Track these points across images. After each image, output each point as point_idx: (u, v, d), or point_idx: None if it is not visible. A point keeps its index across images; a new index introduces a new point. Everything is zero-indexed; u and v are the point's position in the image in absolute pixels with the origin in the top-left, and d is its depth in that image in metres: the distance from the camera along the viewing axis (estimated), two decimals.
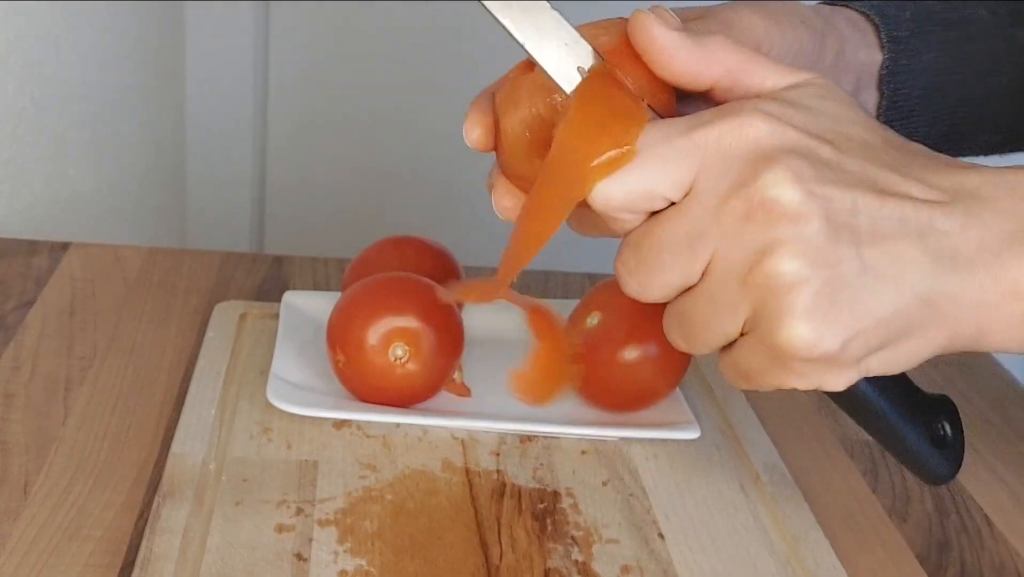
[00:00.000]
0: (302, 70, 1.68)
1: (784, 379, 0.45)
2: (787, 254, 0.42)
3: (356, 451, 0.61)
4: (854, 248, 0.43)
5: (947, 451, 0.52)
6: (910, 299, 0.43)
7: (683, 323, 0.46)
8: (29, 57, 0.98)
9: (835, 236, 0.42)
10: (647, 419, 0.65)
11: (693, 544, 0.56)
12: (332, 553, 0.53)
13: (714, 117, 0.44)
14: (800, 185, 0.42)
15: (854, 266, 0.42)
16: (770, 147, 0.43)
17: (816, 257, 0.42)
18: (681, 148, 0.44)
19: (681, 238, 0.44)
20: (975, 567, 0.58)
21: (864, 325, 0.43)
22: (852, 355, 0.44)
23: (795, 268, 0.42)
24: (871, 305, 0.43)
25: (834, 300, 0.42)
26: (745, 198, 0.42)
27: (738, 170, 0.43)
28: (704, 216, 0.43)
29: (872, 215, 0.43)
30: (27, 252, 0.82)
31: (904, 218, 0.43)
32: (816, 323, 0.42)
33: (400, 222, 1.48)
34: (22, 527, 0.54)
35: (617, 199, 0.44)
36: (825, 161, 0.43)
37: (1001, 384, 0.77)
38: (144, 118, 1.40)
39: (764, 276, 0.42)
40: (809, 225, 0.42)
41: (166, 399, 0.65)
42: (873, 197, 0.43)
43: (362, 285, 0.64)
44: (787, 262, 0.42)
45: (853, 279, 0.42)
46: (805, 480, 0.63)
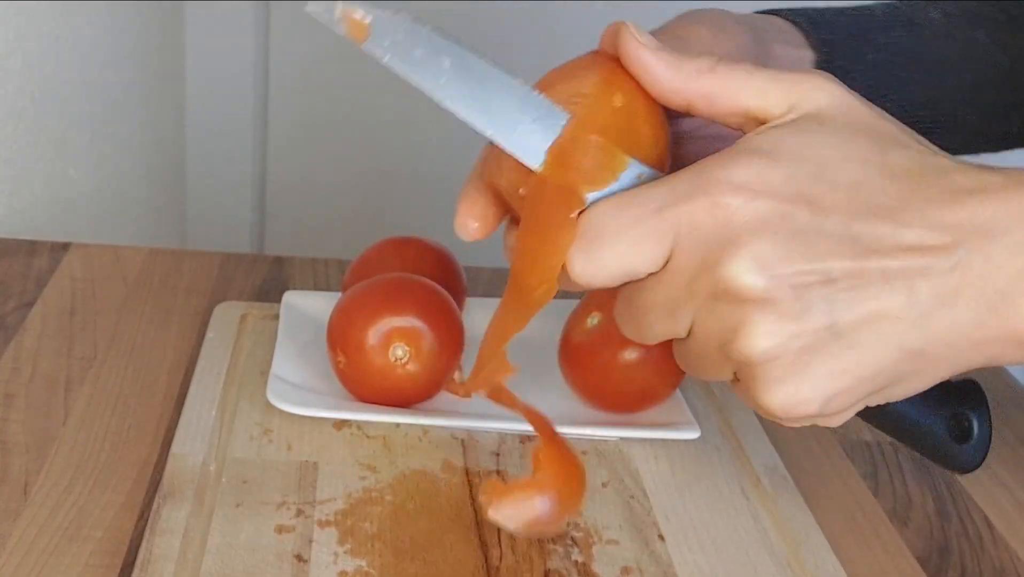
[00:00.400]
0: (302, 70, 1.68)
1: (786, 424, 0.46)
2: (755, 334, 0.43)
3: (356, 452, 0.61)
4: (827, 317, 0.43)
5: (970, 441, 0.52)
6: (896, 355, 0.43)
7: (682, 359, 0.48)
8: (29, 57, 0.98)
9: (804, 311, 0.42)
10: (647, 419, 0.65)
11: (693, 546, 0.56)
12: (332, 554, 0.53)
13: (688, 192, 0.43)
14: (764, 272, 0.42)
15: (827, 335, 0.43)
16: (739, 227, 0.42)
17: (785, 333, 0.43)
18: (654, 229, 0.44)
19: (662, 305, 0.45)
20: (976, 571, 0.58)
21: (845, 384, 0.44)
22: (836, 409, 0.45)
23: (765, 346, 0.43)
24: (850, 367, 0.43)
25: (809, 367, 0.43)
26: (713, 281, 0.43)
27: (708, 249, 0.43)
28: (680, 289, 0.44)
29: (850, 280, 0.42)
30: (27, 252, 0.82)
31: (888, 274, 0.42)
32: (791, 390, 0.43)
33: (400, 222, 1.48)
34: (22, 527, 0.54)
35: (598, 281, 0.46)
36: (798, 229, 0.42)
37: (1001, 386, 0.77)
38: (144, 118, 1.40)
39: (737, 352, 0.44)
40: (776, 306, 0.42)
41: (166, 399, 0.65)
42: (852, 260, 0.42)
43: (362, 286, 0.64)
44: (756, 341, 0.43)
45: (828, 347, 0.43)
46: (806, 482, 0.63)
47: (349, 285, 0.68)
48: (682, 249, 0.44)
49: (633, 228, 0.44)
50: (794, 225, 0.42)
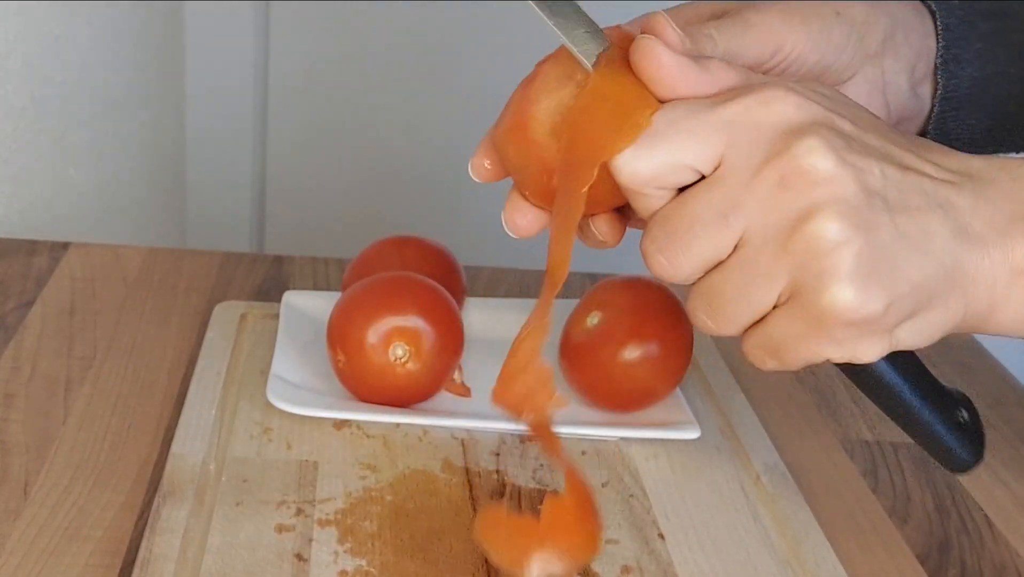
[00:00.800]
0: (302, 70, 1.68)
1: (819, 349, 0.44)
2: (828, 216, 0.42)
3: (356, 451, 0.61)
4: (887, 213, 0.43)
5: (968, 437, 0.52)
6: (935, 267, 0.44)
7: (712, 301, 0.45)
8: (29, 57, 0.98)
9: (869, 201, 0.43)
10: (647, 419, 0.65)
11: (693, 544, 0.56)
12: (332, 553, 0.53)
13: (740, 92, 0.44)
14: (833, 152, 0.43)
15: (890, 231, 0.43)
16: (798, 119, 0.43)
17: (856, 220, 0.42)
18: (709, 121, 0.44)
19: (714, 210, 0.44)
20: (975, 568, 0.58)
21: (901, 290, 0.43)
22: (890, 320, 0.44)
23: (837, 230, 0.42)
24: (906, 269, 0.43)
25: (875, 263, 0.43)
26: (779, 167, 0.43)
27: (769, 140, 0.43)
28: (737, 187, 0.43)
29: (898, 185, 0.44)
30: (27, 252, 0.82)
31: (924, 191, 0.44)
32: (860, 285, 0.42)
33: (400, 222, 1.48)
34: (22, 527, 0.54)
35: (645, 173, 0.44)
36: (848, 134, 0.44)
37: (1001, 384, 0.77)
38: (144, 118, 1.40)
39: (806, 240, 0.42)
40: (845, 189, 0.42)
41: (166, 399, 0.65)
42: (896, 169, 0.44)
43: (362, 285, 0.64)
44: (829, 224, 0.42)
45: (890, 244, 0.43)
46: (805, 480, 0.63)
47: (349, 284, 0.68)
48: (739, 145, 0.43)
49: (687, 119, 0.44)
50: (845, 130, 0.44)
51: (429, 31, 1.66)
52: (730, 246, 0.44)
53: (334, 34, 1.66)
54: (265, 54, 1.67)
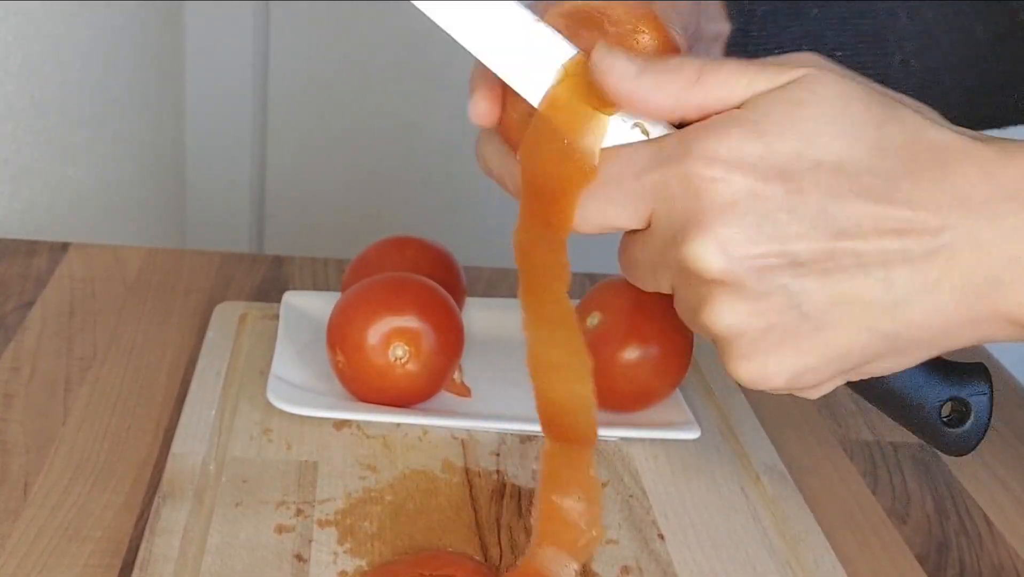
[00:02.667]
0: (302, 71, 1.68)
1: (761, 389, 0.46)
2: (716, 311, 0.43)
3: (356, 451, 0.61)
4: (792, 299, 0.43)
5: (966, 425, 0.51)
6: (867, 338, 0.43)
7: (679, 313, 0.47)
8: (29, 57, 0.98)
9: (766, 292, 0.43)
10: (647, 419, 0.65)
11: (693, 545, 0.56)
12: (332, 554, 0.53)
13: (668, 159, 0.43)
14: (724, 254, 0.42)
15: (793, 316, 0.43)
16: (708, 204, 0.42)
17: (745, 312, 0.43)
18: (632, 191, 0.44)
19: (645, 263, 0.46)
20: (974, 568, 0.58)
21: (811, 363, 0.44)
22: (806, 385, 0.45)
23: (726, 323, 0.43)
24: (817, 347, 0.43)
25: (774, 346, 0.43)
26: (678, 257, 0.44)
27: (678, 223, 0.43)
28: (657, 253, 0.45)
29: (820, 263, 0.42)
30: (27, 252, 0.82)
31: (862, 258, 0.42)
32: (757, 366, 0.44)
33: (400, 222, 1.48)
34: (22, 527, 0.54)
35: (587, 230, 0.46)
36: (769, 209, 0.42)
37: (1000, 385, 0.77)
38: (144, 118, 1.40)
39: (702, 324, 0.44)
40: (738, 286, 0.43)
41: (166, 399, 0.65)
42: (823, 242, 0.42)
43: (362, 285, 0.64)
44: (717, 318, 0.43)
45: (795, 327, 0.43)
46: (805, 481, 0.63)
47: (349, 285, 0.68)
48: (658, 215, 0.44)
49: (614, 187, 0.45)
50: (765, 205, 0.42)
51: (429, 31, 1.66)
52: (669, 289, 0.46)
53: (334, 35, 1.66)
54: (265, 55, 1.67)
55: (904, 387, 0.51)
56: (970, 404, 0.52)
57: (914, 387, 0.51)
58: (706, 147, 0.42)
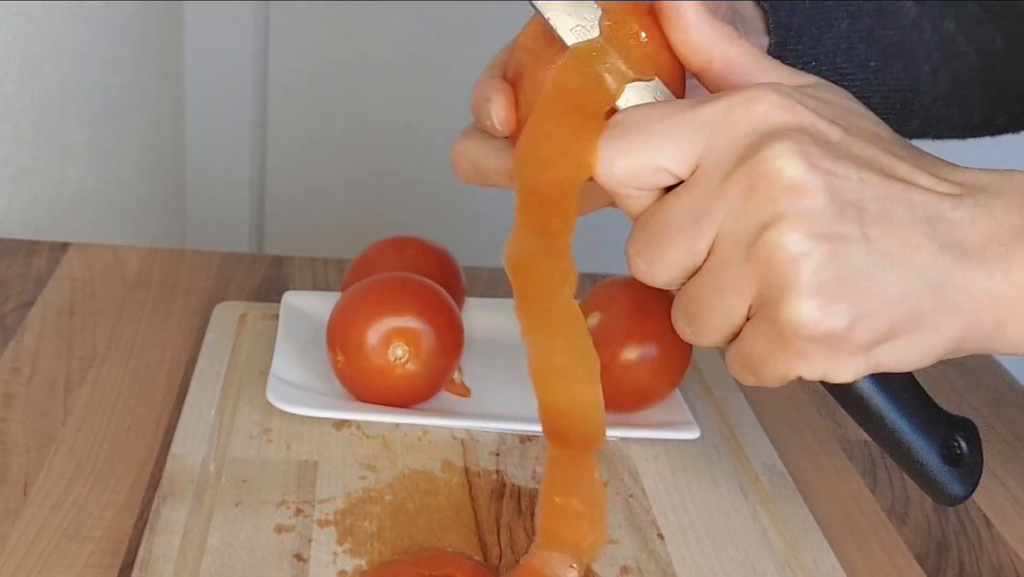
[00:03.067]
0: (302, 70, 1.68)
1: (789, 365, 0.43)
2: (789, 227, 0.41)
3: (356, 451, 0.61)
4: (860, 225, 0.41)
5: (961, 470, 0.51)
6: (918, 284, 0.42)
7: (689, 309, 0.45)
8: (29, 57, 0.98)
9: (840, 211, 0.41)
10: (647, 419, 0.65)
11: (692, 545, 0.56)
12: (331, 554, 0.53)
13: (723, 93, 0.44)
14: (804, 159, 0.41)
15: (860, 244, 0.41)
16: (778, 122, 0.42)
17: (819, 231, 0.41)
18: (686, 122, 0.43)
19: (687, 214, 0.43)
20: (974, 568, 0.58)
21: (871, 307, 0.42)
22: (859, 339, 0.42)
23: (797, 241, 0.41)
24: (878, 285, 0.42)
25: (839, 277, 0.41)
26: (748, 171, 0.41)
27: (744, 144, 0.42)
28: (709, 191, 0.42)
29: (879, 195, 0.42)
30: (27, 252, 0.82)
31: (912, 202, 0.42)
32: (820, 299, 0.41)
33: (400, 222, 1.48)
34: (22, 527, 0.54)
35: (619, 173, 0.44)
36: (833, 141, 0.43)
37: (1001, 385, 0.77)
38: (144, 118, 1.40)
39: (766, 250, 0.41)
40: (813, 199, 0.41)
41: (166, 399, 0.65)
42: (881, 179, 0.42)
43: (362, 285, 0.64)
44: (789, 235, 0.41)
45: (859, 257, 0.41)
46: (804, 481, 0.63)
47: (348, 285, 0.68)
48: (715, 146, 0.43)
49: (666, 120, 0.43)
50: (828, 135, 0.43)
51: (429, 31, 1.66)
52: (703, 252, 0.43)
53: (334, 35, 1.66)
54: (265, 54, 1.67)
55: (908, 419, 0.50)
56: (964, 450, 0.51)
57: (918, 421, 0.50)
58: (763, 86, 0.44)
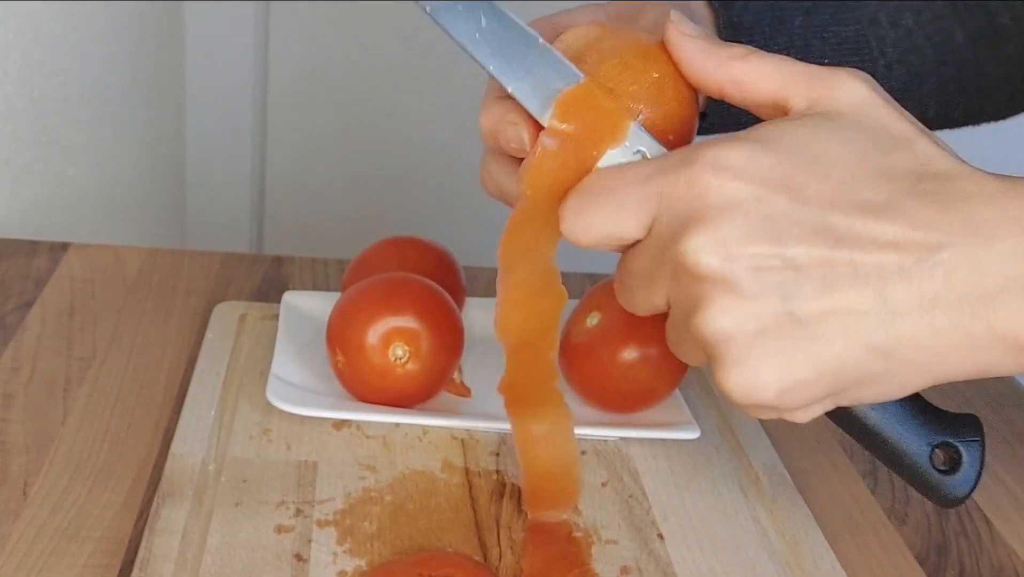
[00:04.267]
0: (302, 71, 1.68)
1: (752, 413, 0.46)
2: (710, 311, 0.43)
3: (356, 452, 0.61)
4: (786, 303, 0.42)
5: (956, 473, 0.50)
6: (860, 352, 0.43)
7: (667, 338, 0.49)
8: (29, 57, 0.98)
9: (761, 293, 0.42)
10: (647, 419, 0.65)
11: (692, 545, 0.56)
12: (331, 554, 0.53)
13: (675, 166, 0.44)
14: (720, 251, 0.42)
15: (787, 322, 0.42)
16: (710, 205, 0.43)
17: (740, 313, 0.43)
18: (637, 196, 0.45)
19: (641, 273, 0.47)
20: (974, 569, 0.58)
21: (803, 375, 0.43)
22: (795, 402, 0.44)
23: (720, 324, 0.43)
24: (810, 358, 0.43)
25: (766, 353, 0.43)
26: (673, 256, 0.44)
27: (679, 222, 0.44)
28: (654, 259, 0.45)
29: (817, 270, 0.42)
30: (27, 252, 0.82)
31: (858, 272, 0.42)
32: (748, 374, 0.43)
33: (400, 222, 1.48)
34: (22, 527, 0.54)
35: (584, 241, 0.47)
36: (770, 214, 0.42)
37: (1001, 385, 0.77)
38: (144, 118, 1.40)
39: (696, 328, 0.44)
40: (733, 286, 0.43)
41: (166, 399, 0.65)
42: (821, 249, 0.42)
43: (362, 285, 0.64)
44: (710, 318, 0.43)
45: (788, 334, 0.43)
46: (804, 481, 0.63)
47: (348, 285, 0.68)
48: (659, 220, 0.45)
49: (619, 192, 0.46)
50: (767, 210, 0.42)
51: (429, 31, 1.66)
52: (663, 305, 0.47)
53: (334, 35, 1.66)
54: (265, 54, 1.67)
55: (895, 429, 0.50)
56: (962, 452, 0.51)
57: (905, 429, 0.50)
58: (716, 155, 0.44)
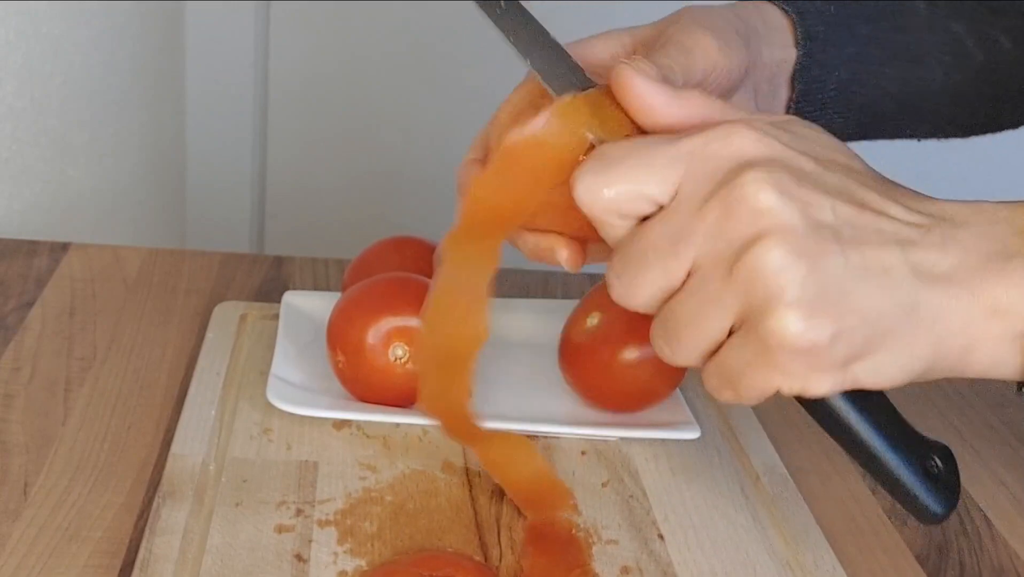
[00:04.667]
0: (302, 70, 1.68)
1: (769, 379, 0.45)
2: (771, 243, 0.43)
3: (356, 452, 0.61)
4: (837, 244, 0.43)
5: (938, 486, 0.51)
6: (893, 304, 0.44)
7: (669, 328, 0.46)
8: (29, 57, 0.98)
9: (817, 232, 0.43)
10: (647, 419, 0.65)
11: (693, 545, 0.56)
12: (332, 554, 0.53)
13: (703, 127, 0.46)
14: (777, 187, 0.43)
15: (838, 261, 0.43)
16: (753, 154, 0.44)
17: (799, 248, 0.43)
18: (667, 153, 0.45)
19: (666, 239, 0.45)
20: (974, 569, 0.58)
21: (850, 322, 0.43)
22: (838, 353, 0.44)
23: (780, 256, 0.42)
24: (857, 302, 0.43)
25: (821, 291, 0.43)
26: (725, 196, 0.44)
27: (721, 172, 0.44)
28: (687, 216, 0.44)
29: (851, 221, 0.44)
30: (27, 252, 0.82)
31: (882, 230, 0.44)
32: (805, 311, 0.43)
33: (400, 222, 1.48)
34: (22, 527, 0.54)
35: (603, 199, 0.46)
36: (806, 172, 0.45)
37: (1001, 386, 0.77)
38: (144, 118, 1.40)
39: (750, 266, 0.43)
40: (790, 219, 0.43)
41: (166, 399, 0.65)
42: (852, 207, 0.44)
43: (362, 285, 0.64)
44: (772, 251, 0.43)
45: (839, 273, 0.43)
46: (805, 482, 0.63)
47: (349, 285, 0.68)
48: (694, 175, 0.45)
49: (645, 151, 0.45)
50: (801, 167, 0.45)
51: (429, 31, 1.66)
52: (682, 274, 0.45)
53: (334, 35, 1.66)
54: (265, 54, 1.67)
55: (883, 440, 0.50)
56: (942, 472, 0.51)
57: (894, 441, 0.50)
58: (742, 122, 0.46)
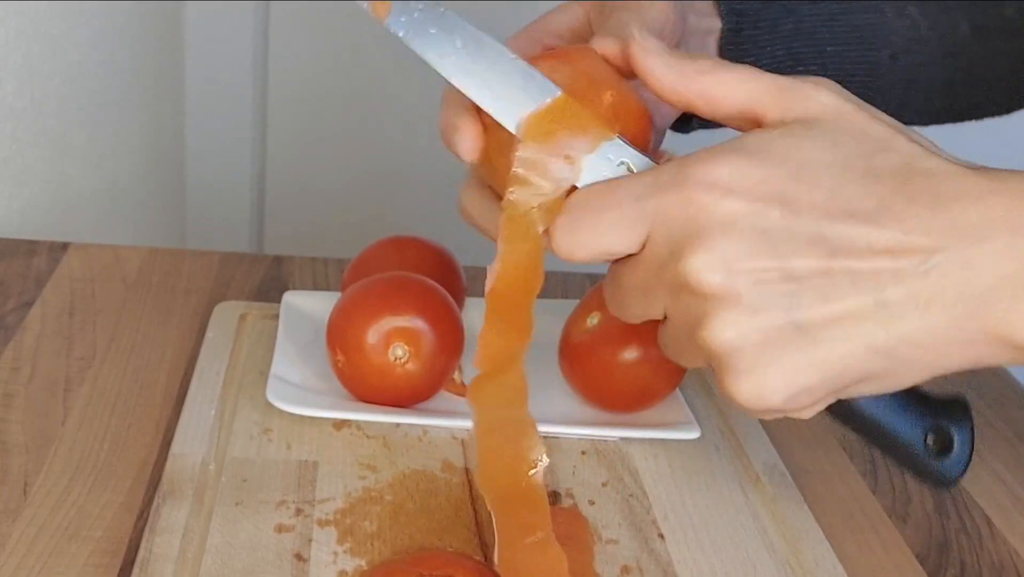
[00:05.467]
0: (302, 70, 1.68)
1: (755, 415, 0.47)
2: (716, 326, 0.44)
3: (356, 451, 0.61)
4: (788, 313, 0.43)
5: (949, 456, 0.51)
6: (863, 353, 0.44)
7: (662, 344, 0.49)
8: (29, 57, 0.98)
9: (764, 305, 0.43)
10: (647, 419, 0.65)
11: (693, 544, 0.56)
12: (332, 553, 0.53)
13: (666, 185, 0.45)
14: (722, 267, 0.43)
15: (790, 331, 0.43)
16: (706, 224, 0.44)
17: (745, 325, 0.43)
18: (631, 215, 0.46)
19: (638, 287, 0.47)
20: (975, 568, 0.58)
21: (809, 380, 0.44)
22: (802, 404, 0.45)
23: (725, 337, 0.44)
24: (815, 363, 0.44)
25: (772, 361, 0.44)
26: (675, 274, 0.44)
27: (676, 242, 0.44)
28: (652, 275, 0.46)
29: (816, 279, 0.43)
30: (27, 252, 0.82)
31: (855, 275, 0.43)
32: (756, 382, 0.44)
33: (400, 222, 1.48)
34: (22, 527, 0.54)
35: (577, 258, 0.47)
36: (766, 228, 0.43)
37: (1001, 385, 0.77)
38: (144, 118, 1.40)
39: (701, 341, 0.45)
40: (736, 300, 0.43)
41: (166, 399, 0.65)
42: (818, 260, 0.43)
43: (362, 285, 0.64)
44: (716, 332, 0.44)
45: (792, 342, 0.44)
46: (805, 481, 0.63)
47: (349, 285, 0.68)
48: (655, 238, 0.45)
49: (613, 211, 0.46)
50: (762, 224, 0.43)
51: None
52: (660, 314, 0.47)
53: (334, 34, 1.66)
54: (265, 54, 1.67)
55: (887, 416, 0.51)
56: (952, 435, 0.52)
57: (897, 416, 0.51)
58: (706, 172, 0.44)
